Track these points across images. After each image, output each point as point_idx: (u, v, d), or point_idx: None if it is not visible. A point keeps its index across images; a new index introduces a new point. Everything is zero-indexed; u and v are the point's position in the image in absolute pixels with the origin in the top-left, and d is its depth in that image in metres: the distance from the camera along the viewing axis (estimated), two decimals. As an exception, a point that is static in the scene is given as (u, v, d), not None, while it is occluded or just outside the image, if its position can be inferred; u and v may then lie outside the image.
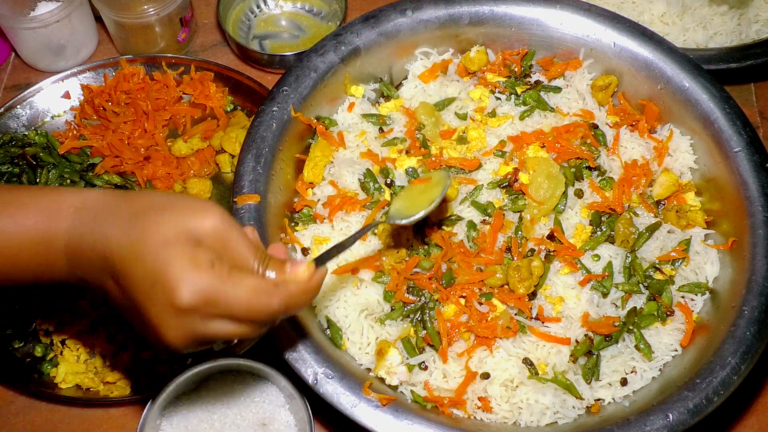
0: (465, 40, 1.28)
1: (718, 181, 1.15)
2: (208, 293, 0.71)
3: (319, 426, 1.11)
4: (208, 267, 0.72)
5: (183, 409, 1.03)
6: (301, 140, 1.19)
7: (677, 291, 1.10)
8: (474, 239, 1.10)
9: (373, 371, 1.03)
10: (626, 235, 1.10)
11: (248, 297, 0.73)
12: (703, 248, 1.12)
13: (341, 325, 1.06)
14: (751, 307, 1.01)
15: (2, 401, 1.13)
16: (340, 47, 1.21)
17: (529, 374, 1.01)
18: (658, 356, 1.05)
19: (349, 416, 0.94)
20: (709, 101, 1.16)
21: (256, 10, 1.54)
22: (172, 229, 0.73)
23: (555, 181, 1.12)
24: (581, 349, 1.03)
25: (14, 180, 1.27)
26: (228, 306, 0.72)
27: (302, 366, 0.96)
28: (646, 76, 1.22)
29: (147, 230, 0.73)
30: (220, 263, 0.73)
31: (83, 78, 1.38)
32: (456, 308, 1.05)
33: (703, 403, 0.95)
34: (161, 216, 0.74)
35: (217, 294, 0.71)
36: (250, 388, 1.05)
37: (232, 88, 1.39)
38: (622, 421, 0.95)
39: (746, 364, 0.97)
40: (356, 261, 1.09)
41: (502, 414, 1.00)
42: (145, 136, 1.33)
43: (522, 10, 1.25)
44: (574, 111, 1.23)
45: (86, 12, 1.43)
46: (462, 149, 1.18)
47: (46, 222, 0.79)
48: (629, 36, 1.22)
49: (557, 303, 1.06)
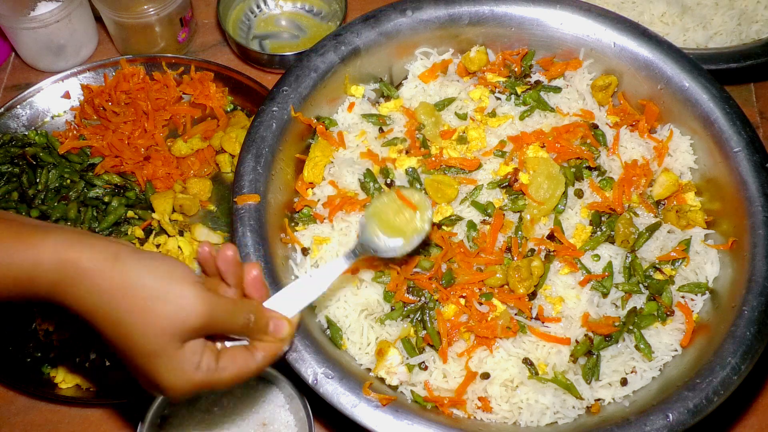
0: (465, 40, 1.28)
1: (718, 181, 1.15)
2: (197, 388, 0.80)
3: (319, 426, 1.11)
4: (194, 370, 0.78)
5: (183, 410, 1.03)
6: (301, 140, 1.19)
7: (677, 291, 1.10)
8: (474, 239, 1.10)
9: (373, 371, 1.03)
10: (626, 235, 1.10)
11: (234, 376, 0.82)
12: (703, 248, 1.12)
13: (341, 325, 1.06)
14: (751, 307, 1.01)
15: (2, 401, 1.13)
16: (340, 47, 1.21)
17: (529, 374, 1.01)
18: (658, 356, 1.05)
19: (349, 416, 0.94)
20: (709, 101, 1.16)
21: (256, 10, 1.54)
22: (160, 333, 0.75)
23: (555, 182, 1.12)
24: (581, 349, 1.03)
25: (14, 180, 1.27)
26: (216, 387, 0.82)
27: (302, 366, 0.96)
28: (646, 76, 1.22)
29: (133, 333, 0.75)
30: (209, 356, 0.80)
31: (83, 78, 1.38)
32: (456, 308, 1.05)
33: (703, 403, 0.94)
34: (148, 317, 0.75)
35: (205, 386, 0.80)
36: (250, 389, 1.05)
37: (232, 88, 1.39)
38: (622, 421, 0.95)
39: (746, 364, 0.97)
40: (356, 261, 1.09)
41: (502, 414, 1.00)
42: (145, 136, 1.33)
43: (522, 10, 1.25)
44: (574, 111, 1.23)
45: (86, 12, 1.44)
46: (462, 149, 1.18)
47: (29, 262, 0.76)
48: (629, 36, 1.22)
49: (557, 303, 1.06)
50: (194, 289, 0.77)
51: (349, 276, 1.08)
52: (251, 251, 1.02)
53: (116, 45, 1.48)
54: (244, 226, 1.04)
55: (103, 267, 0.75)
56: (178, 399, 0.76)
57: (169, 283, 0.76)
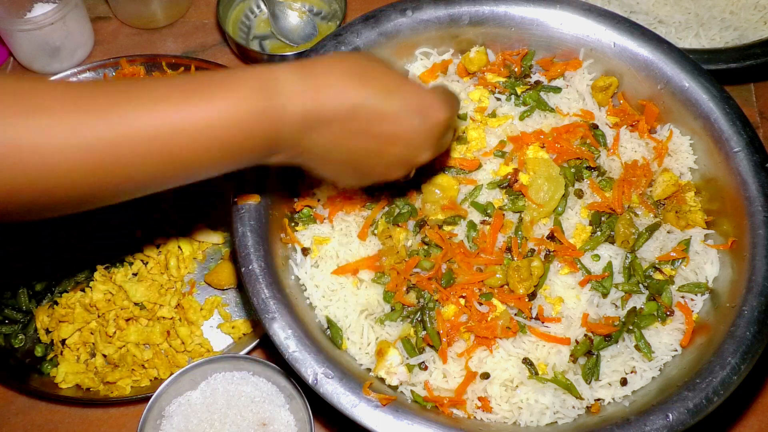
0: (465, 40, 1.28)
1: (717, 181, 1.15)
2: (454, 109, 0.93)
3: (319, 426, 1.11)
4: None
5: (183, 409, 1.03)
6: (301, 140, 1.19)
7: (677, 291, 1.10)
8: (474, 239, 1.10)
9: (373, 371, 1.03)
10: (626, 235, 1.10)
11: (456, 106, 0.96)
12: (703, 248, 1.12)
13: (341, 325, 1.06)
14: (751, 307, 1.01)
15: (2, 401, 1.14)
16: (340, 47, 1.21)
17: (529, 374, 1.01)
18: (658, 356, 1.05)
19: (349, 416, 0.94)
20: (709, 101, 1.16)
21: (256, 10, 1.54)
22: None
23: (555, 183, 1.12)
24: (581, 349, 1.03)
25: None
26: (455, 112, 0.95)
27: (302, 366, 0.96)
28: (646, 76, 1.22)
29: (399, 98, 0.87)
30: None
31: (83, 78, 1.38)
32: (456, 308, 1.05)
33: (703, 403, 0.95)
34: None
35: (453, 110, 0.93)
36: (250, 388, 1.05)
37: (232, 88, 1.39)
38: (622, 421, 0.95)
39: (746, 364, 0.97)
40: (356, 261, 1.09)
41: (502, 414, 1.00)
42: (145, 136, 1.33)
43: (522, 10, 1.25)
44: (574, 111, 1.23)
45: (81, 14, 1.43)
46: (462, 149, 1.18)
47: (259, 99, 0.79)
48: (629, 36, 1.22)
49: (557, 303, 1.06)
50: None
51: (349, 276, 1.08)
52: (251, 251, 1.02)
53: (114, 11, 1.51)
54: (244, 226, 1.04)
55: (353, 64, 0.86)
56: (447, 115, 0.91)
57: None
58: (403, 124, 0.86)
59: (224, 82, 0.78)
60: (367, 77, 0.84)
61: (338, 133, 0.84)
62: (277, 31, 1.48)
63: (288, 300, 1.01)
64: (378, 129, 0.85)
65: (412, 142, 0.89)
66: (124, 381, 1.12)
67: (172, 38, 1.52)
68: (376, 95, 0.84)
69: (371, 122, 0.84)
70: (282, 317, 0.98)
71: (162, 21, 1.51)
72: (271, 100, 0.79)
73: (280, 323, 0.97)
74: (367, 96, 0.83)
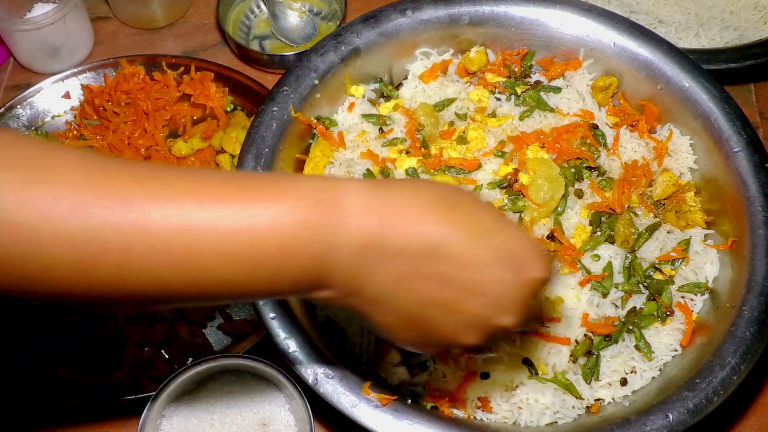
0: (465, 40, 1.28)
1: (717, 181, 1.15)
2: (551, 271, 0.74)
3: (319, 426, 1.11)
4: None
5: (183, 409, 1.03)
6: (301, 140, 1.19)
7: (677, 291, 1.10)
8: (474, 239, 1.10)
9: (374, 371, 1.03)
10: (626, 235, 1.10)
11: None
12: (703, 248, 1.12)
13: (342, 325, 1.06)
14: (750, 307, 1.01)
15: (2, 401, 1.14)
16: (340, 47, 1.21)
17: (529, 374, 1.01)
18: (657, 356, 1.05)
19: (349, 416, 0.94)
20: (709, 101, 1.16)
21: (256, 10, 1.54)
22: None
23: (555, 184, 1.12)
24: (581, 349, 1.03)
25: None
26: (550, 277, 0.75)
27: (302, 366, 0.96)
28: (646, 76, 1.22)
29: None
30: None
31: (83, 78, 1.38)
32: (456, 308, 1.05)
33: (703, 403, 0.95)
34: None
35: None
36: (250, 388, 1.05)
37: (232, 88, 1.39)
38: (622, 421, 0.95)
39: (746, 364, 0.97)
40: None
41: (502, 414, 1.00)
42: (145, 136, 1.33)
43: (522, 10, 1.25)
44: (574, 111, 1.23)
45: (81, 14, 1.43)
46: (462, 149, 1.18)
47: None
48: (629, 36, 1.22)
49: (557, 303, 1.06)
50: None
51: (349, 276, 1.08)
52: (251, 251, 1.02)
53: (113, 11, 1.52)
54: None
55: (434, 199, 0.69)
56: (543, 273, 0.73)
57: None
58: (489, 274, 0.69)
59: (274, 184, 0.65)
60: (454, 211, 0.68)
61: (406, 273, 0.67)
62: (277, 31, 1.48)
63: (288, 299, 1.01)
64: (457, 275, 0.68)
65: (495, 300, 0.71)
66: (124, 381, 1.12)
67: (172, 38, 1.52)
68: (461, 234, 0.68)
69: (450, 266, 0.68)
70: (282, 317, 0.98)
71: (162, 21, 1.51)
72: (329, 213, 0.64)
73: (280, 323, 0.97)
74: (451, 233, 0.67)
